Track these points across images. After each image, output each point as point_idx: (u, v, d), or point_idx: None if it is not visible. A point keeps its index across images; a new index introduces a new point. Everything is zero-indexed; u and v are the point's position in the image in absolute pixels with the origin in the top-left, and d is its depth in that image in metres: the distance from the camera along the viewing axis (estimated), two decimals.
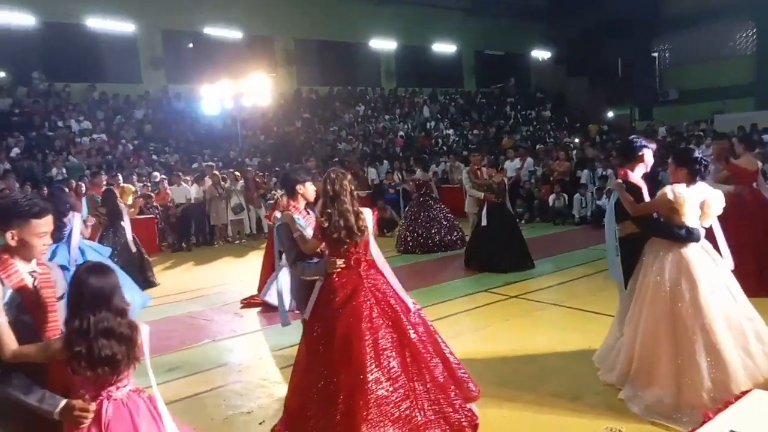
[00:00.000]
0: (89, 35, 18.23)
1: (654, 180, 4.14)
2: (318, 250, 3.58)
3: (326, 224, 3.40)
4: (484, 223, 8.06)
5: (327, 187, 3.45)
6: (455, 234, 10.09)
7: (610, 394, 3.88)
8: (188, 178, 13.41)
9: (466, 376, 3.60)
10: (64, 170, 14.46)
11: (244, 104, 18.15)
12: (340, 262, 3.42)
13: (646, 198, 3.94)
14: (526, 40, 28.07)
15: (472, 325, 5.85)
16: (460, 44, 26.48)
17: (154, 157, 16.63)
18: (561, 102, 28.73)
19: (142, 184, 13.30)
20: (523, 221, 12.65)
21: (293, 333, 5.88)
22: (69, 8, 17.45)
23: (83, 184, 11.41)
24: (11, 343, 2.18)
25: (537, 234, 11.17)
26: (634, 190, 3.95)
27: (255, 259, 10.44)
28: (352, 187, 3.51)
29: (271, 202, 13.29)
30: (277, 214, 7.52)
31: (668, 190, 3.68)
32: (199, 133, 18.74)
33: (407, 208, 10.47)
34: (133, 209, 11.71)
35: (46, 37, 17.77)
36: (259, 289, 7.20)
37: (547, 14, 27.71)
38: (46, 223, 2.40)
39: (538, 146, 18.06)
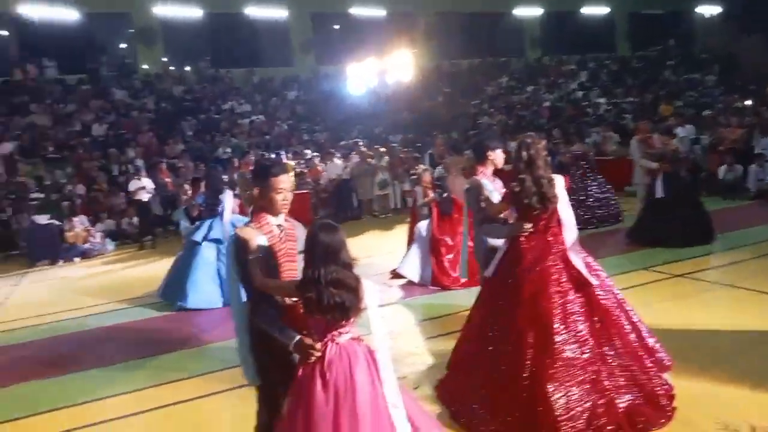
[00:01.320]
0: (247, 23, 19.70)
1: None
2: (501, 214, 3.69)
3: (518, 189, 3.43)
4: (659, 194, 7.51)
5: (522, 152, 3.49)
6: (612, 208, 9.56)
7: None
8: (338, 154, 14.03)
9: (659, 345, 3.52)
10: (229, 149, 15.87)
11: (388, 81, 18.51)
12: (527, 227, 3.46)
13: None
14: None
15: (633, 304, 5.51)
16: (612, 6, 24.66)
17: (306, 136, 17.63)
18: (731, 63, 25.58)
19: (296, 162, 14.19)
20: None
21: (442, 304, 6.07)
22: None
23: (237, 162, 12.46)
24: (260, 274, 2.58)
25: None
26: None
27: (401, 233, 10.71)
28: (546, 154, 3.50)
29: (415, 177, 13.64)
30: (417, 189, 7.66)
31: None
32: (347, 112, 19.48)
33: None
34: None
35: (211, 27, 19.54)
36: None
37: None
38: (283, 181, 2.74)
39: (705, 112, 16.32)
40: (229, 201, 7.06)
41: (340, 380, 2.39)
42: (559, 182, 3.53)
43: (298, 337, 2.47)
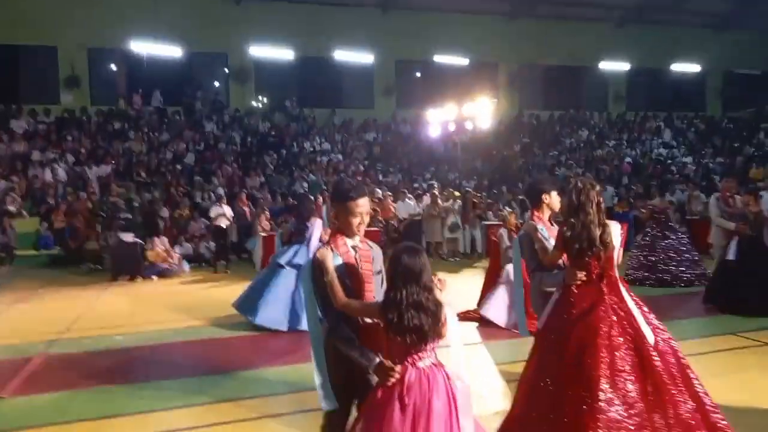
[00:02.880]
0: (335, 67, 20.54)
1: None
2: (559, 262, 3.51)
3: (568, 233, 3.31)
4: (731, 257, 7.04)
5: (572, 196, 3.37)
6: (697, 269, 9.04)
7: None
8: (410, 195, 14.13)
9: (724, 422, 3.12)
10: (305, 185, 16.34)
11: (466, 128, 18.61)
12: (580, 275, 3.30)
13: None
14: None
15: (716, 370, 5.11)
16: (704, 64, 23.88)
17: (381, 176, 17.90)
18: None
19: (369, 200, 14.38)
20: None
21: (512, 349, 5.85)
22: (321, 44, 19.89)
23: (321, 197, 12.77)
24: (341, 294, 2.59)
25: None
26: None
27: (469, 277, 10.57)
28: (600, 199, 3.37)
29: (486, 223, 13.48)
30: (502, 232, 7.54)
31: None
32: (422, 155, 19.70)
33: (641, 236, 9.64)
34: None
35: (300, 68, 20.50)
36: (479, 304, 7.25)
37: None
38: (361, 205, 2.75)
39: None
40: (317, 229, 7.23)
41: (418, 405, 2.35)
42: (615, 229, 3.36)
43: (378, 359, 2.46)
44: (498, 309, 6.80)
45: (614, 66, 23.24)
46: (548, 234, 3.72)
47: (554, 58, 22.63)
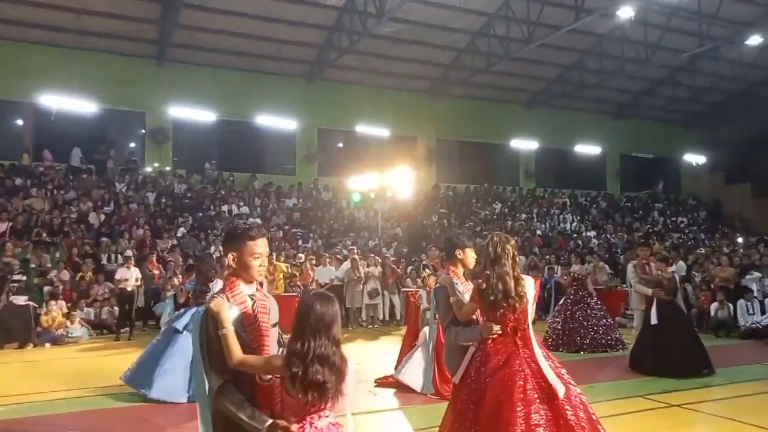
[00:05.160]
0: (256, 131, 20.49)
1: None
2: (474, 317, 3.50)
3: (483, 285, 3.31)
4: (654, 321, 7.39)
5: (489, 249, 3.41)
6: (613, 335, 9.38)
7: None
8: (330, 259, 13.99)
9: None
10: (221, 248, 15.80)
11: (386, 196, 18.95)
12: (496, 328, 3.29)
13: None
14: (677, 145, 26.81)
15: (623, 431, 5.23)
16: (604, 146, 25.89)
17: (300, 242, 17.68)
18: (717, 210, 26.66)
19: (287, 265, 14.09)
20: None
21: (430, 414, 5.72)
22: (244, 107, 19.83)
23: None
24: (238, 350, 2.32)
25: None
26: None
27: (387, 343, 10.43)
28: (515, 252, 3.43)
29: (406, 289, 13.50)
30: (422, 293, 7.55)
31: None
32: (342, 222, 19.71)
33: (561, 303, 9.94)
34: (277, 289, 12.45)
35: (221, 131, 20.30)
36: (396, 368, 7.11)
37: (705, 120, 26.51)
38: (261, 245, 2.54)
39: (697, 251, 16.67)
40: (218, 290, 6.87)
41: None
42: (529, 283, 3.42)
43: (270, 421, 2.24)
44: (414, 373, 6.71)
45: (524, 144, 24.74)
46: (462, 289, 3.66)
47: (469, 135, 23.84)
